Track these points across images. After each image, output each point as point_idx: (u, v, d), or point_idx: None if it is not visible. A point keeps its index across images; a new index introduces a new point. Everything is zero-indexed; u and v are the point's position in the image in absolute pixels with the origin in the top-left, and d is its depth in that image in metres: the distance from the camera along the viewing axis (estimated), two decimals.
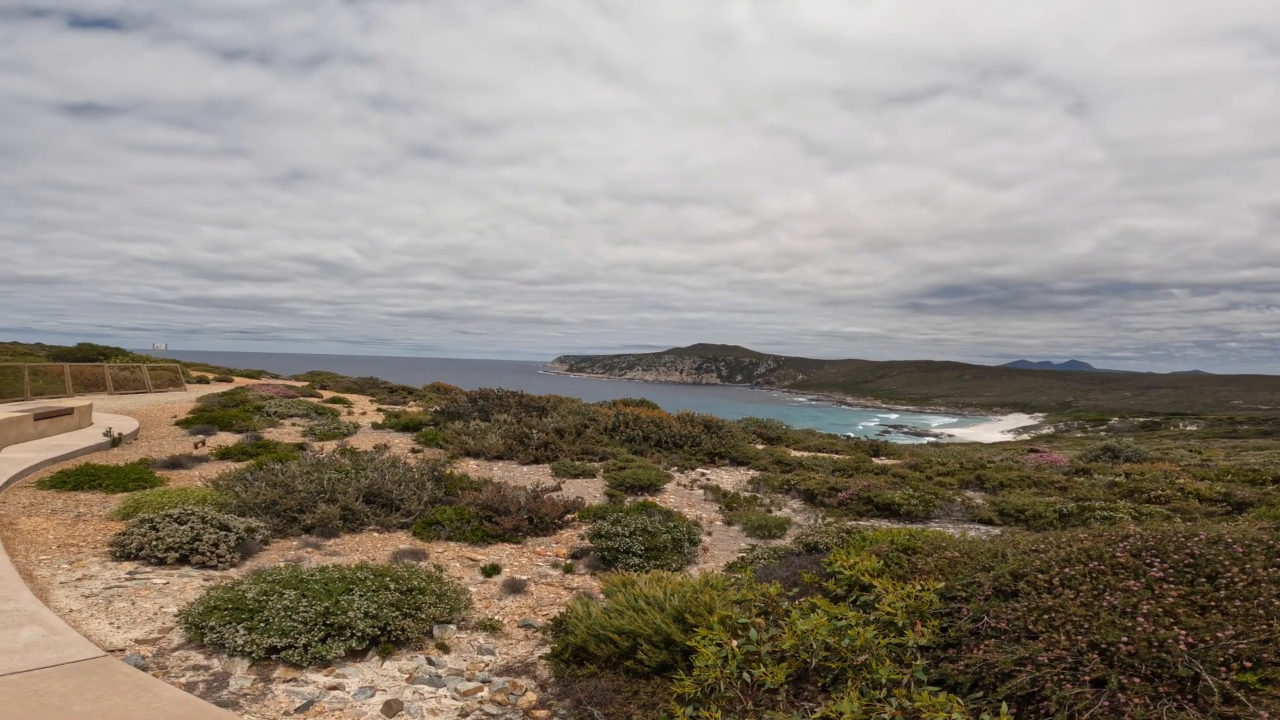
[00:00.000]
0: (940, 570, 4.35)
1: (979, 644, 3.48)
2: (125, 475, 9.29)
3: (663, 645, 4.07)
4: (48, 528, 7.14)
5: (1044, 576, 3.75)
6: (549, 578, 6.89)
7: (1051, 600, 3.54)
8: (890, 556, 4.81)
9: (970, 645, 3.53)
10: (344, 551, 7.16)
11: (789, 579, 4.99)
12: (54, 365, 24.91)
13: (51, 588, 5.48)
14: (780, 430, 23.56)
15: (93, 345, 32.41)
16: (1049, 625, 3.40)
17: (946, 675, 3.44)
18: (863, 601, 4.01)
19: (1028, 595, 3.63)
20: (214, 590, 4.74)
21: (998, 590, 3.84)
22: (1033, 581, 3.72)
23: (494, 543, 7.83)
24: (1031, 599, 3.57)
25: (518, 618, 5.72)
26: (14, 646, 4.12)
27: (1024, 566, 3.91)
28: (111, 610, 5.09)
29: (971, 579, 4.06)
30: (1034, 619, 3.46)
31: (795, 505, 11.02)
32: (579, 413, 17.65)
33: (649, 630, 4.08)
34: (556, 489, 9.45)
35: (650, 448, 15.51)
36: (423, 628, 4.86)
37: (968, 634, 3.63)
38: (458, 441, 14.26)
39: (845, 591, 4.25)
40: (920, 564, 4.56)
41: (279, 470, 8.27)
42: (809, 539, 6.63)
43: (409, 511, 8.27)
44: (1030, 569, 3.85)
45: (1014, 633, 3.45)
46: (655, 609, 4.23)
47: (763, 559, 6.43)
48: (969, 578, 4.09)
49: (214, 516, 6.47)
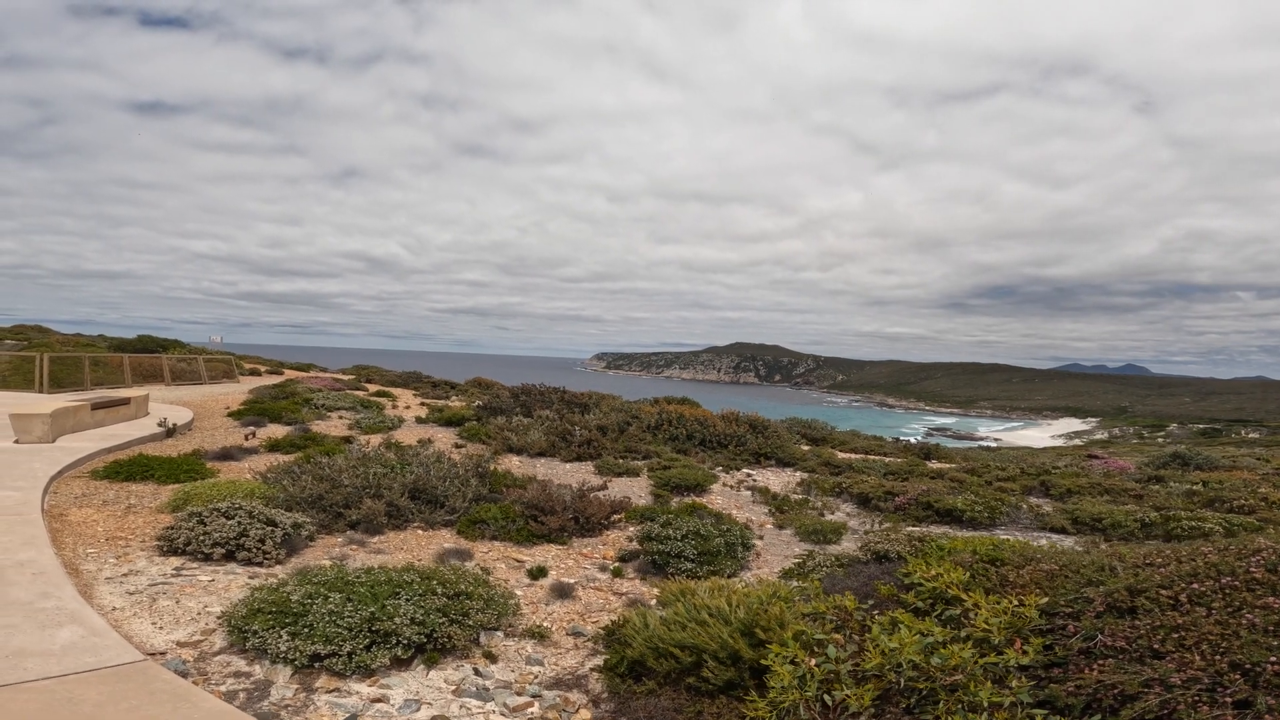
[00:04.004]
0: (1036, 584, 4.01)
1: (1091, 664, 3.19)
2: (177, 466, 9.35)
3: (729, 662, 3.75)
4: (98, 519, 7.15)
5: (1167, 593, 3.43)
6: (597, 581, 6.63)
7: (1180, 618, 3.22)
8: (975, 568, 4.45)
9: (1080, 665, 3.22)
10: (388, 549, 7.02)
11: (861, 590, 4.64)
12: (114, 356, 25.73)
13: (96, 583, 5.41)
14: (825, 431, 22.96)
15: (152, 337, 33.44)
16: (1179, 644, 3.09)
17: (1055, 697, 3.14)
18: (949, 616, 3.66)
19: (1150, 612, 3.32)
20: (258, 591, 4.58)
21: (1111, 606, 3.51)
22: (1153, 598, 3.40)
23: (539, 543, 7.61)
24: (1155, 616, 3.27)
25: (566, 625, 5.47)
26: (51, 649, 4.00)
27: (1141, 582, 3.57)
28: (155, 609, 4.98)
29: (1077, 594, 3.72)
30: (1160, 638, 3.15)
31: (848, 509, 10.58)
32: (621, 410, 17.41)
33: (715, 645, 3.77)
34: (603, 488, 9.21)
35: (694, 447, 15.18)
36: (469, 635, 4.64)
37: (1077, 653, 3.31)
38: (500, 437, 14.15)
39: (928, 605, 3.91)
40: (1011, 576, 4.21)
41: (325, 464, 8.20)
42: (877, 546, 6.24)
43: (453, 509, 8.11)
44: (1149, 584, 3.52)
45: (1135, 652, 3.15)
46: (720, 622, 3.92)
47: (825, 567, 6.06)
48: (1074, 593, 3.74)
49: (261, 511, 6.38)
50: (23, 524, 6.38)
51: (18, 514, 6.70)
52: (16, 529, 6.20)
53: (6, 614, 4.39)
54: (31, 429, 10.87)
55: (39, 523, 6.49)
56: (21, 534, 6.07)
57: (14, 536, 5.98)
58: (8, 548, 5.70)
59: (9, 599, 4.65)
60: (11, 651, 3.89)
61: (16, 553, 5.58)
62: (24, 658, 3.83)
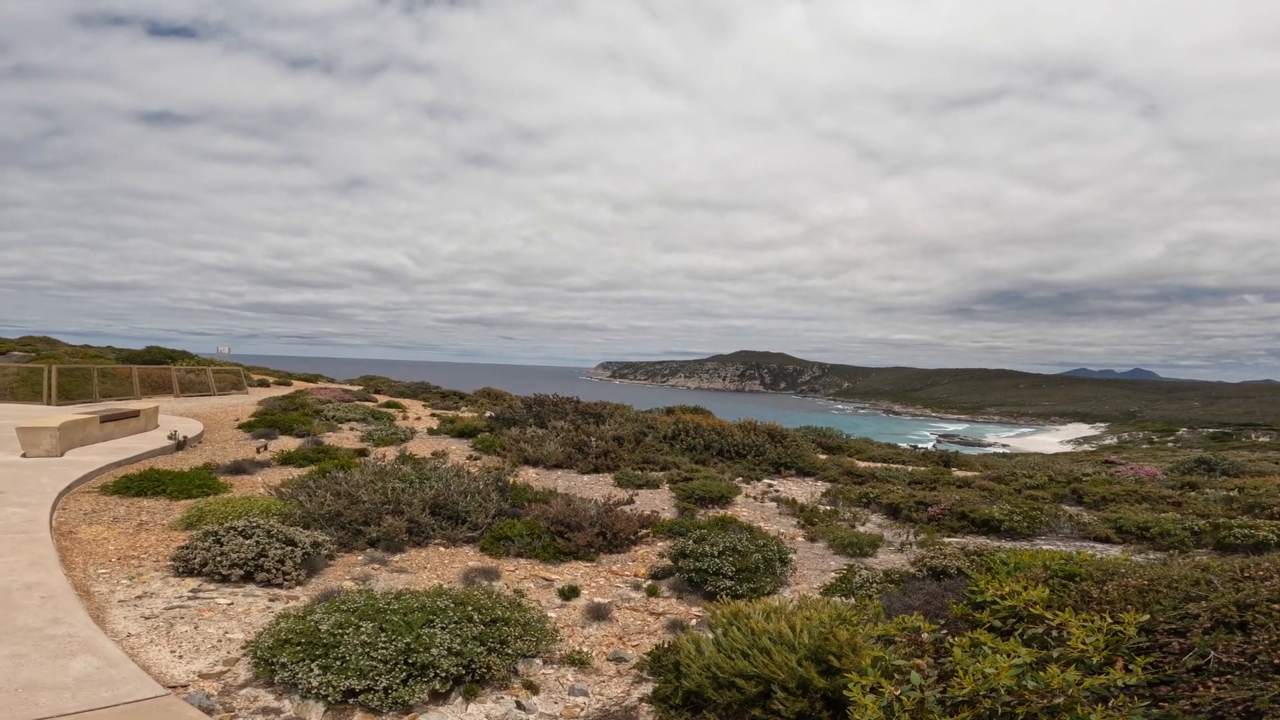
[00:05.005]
0: (1125, 599, 3.75)
1: (1203, 681, 3.04)
2: (189, 481, 9.07)
3: (800, 692, 3.44)
4: (108, 537, 6.88)
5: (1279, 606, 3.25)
6: (632, 601, 6.32)
7: None
8: (1051, 584, 4.17)
9: (1190, 683, 3.08)
10: (411, 568, 6.72)
11: (925, 610, 4.34)
12: (123, 368, 25.52)
13: (109, 607, 5.12)
14: (840, 439, 22.61)
15: (161, 348, 33.26)
16: None
17: (1171, 716, 2.96)
18: (1031, 636, 3.38)
19: (1264, 627, 3.19)
20: (284, 620, 4.28)
21: (1219, 622, 3.33)
22: (1265, 612, 3.26)
23: (567, 560, 7.30)
24: (1271, 631, 3.15)
25: (606, 649, 5.16)
26: (64, 681, 3.70)
27: (1248, 596, 3.39)
28: (173, 635, 4.69)
29: (1178, 610, 3.45)
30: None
31: (878, 520, 10.26)
32: (635, 420, 17.10)
33: (783, 674, 3.45)
34: (629, 501, 8.90)
35: (712, 457, 14.87)
36: (508, 664, 4.34)
37: (1187, 671, 3.14)
38: (516, 449, 13.85)
39: (1007, 625, 3.64)
40: (1094, 593, 3.97)
41: (342, 479, 7.90)
42: (932, 562, 5.91)
43: (475, 525, 7.81)
44: (1258, 599, 3.35)
45: (1255, 668, 3.02)
46: (785, 648, 3.60)
47: (874, 583, 5.74)
48: (1174, 609, 3.48)
49: (279, 530, 6.08)
50: (30, 542, 6.10)
51: (25, 532, 6.42)
52: (24, 548, 5.92)
53: (14, 642, 4.11)
54: (39, 442, 10.62)
55: (47, 541, 6.20)
56: (29, 553, 5.78)
57: (21, 556, 5.70)
58: (14, 568, 5.41)
59: (17, 625, 4.38)
60: (21, 684, 3.60)
61: (24, 574, 5.30)
62: (35, 691, 3.54)
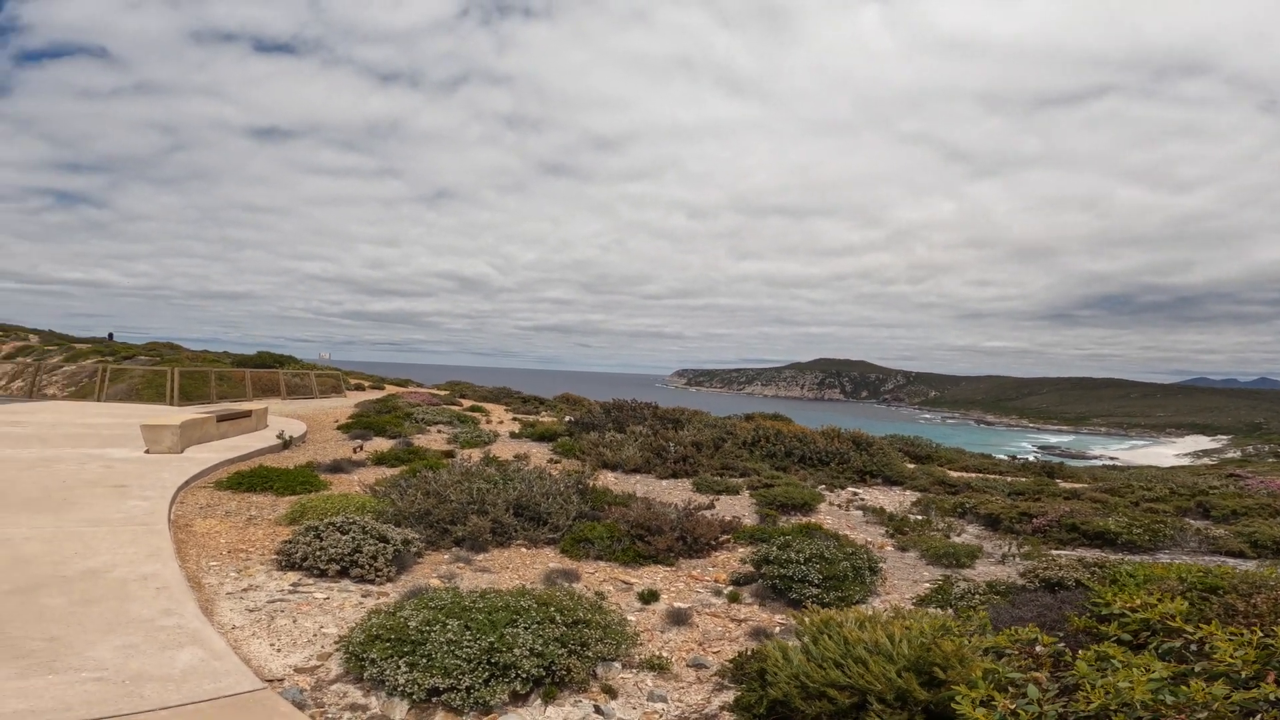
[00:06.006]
0: (1276, 613, 3.45)
1: None
2: (294, 478, 9.59)
3: (898, 704, 3.24)
4: (220, 531, 7.30)
5: None
6: (712, 607, 6.20)
7: None
8: (1189, 596, 3.85)
9: None
10: (494, 567, 6.84)
11: (1039, 622, 4.04)
12: (236, 371, 27.47)
13: (217, 599, 5.39)
14: (930, 448, 21.60)
15: (270, 353, 35.64)
16: None
17: None
18: (1168, 649, 3.11)
19: None
20: (375, 615, 4.40)
21: None
22: None
23: (646, 564, 7.26)
24: None
25: (685, 655, 5.06)
26: (170, 673, 3.86)
27: None
28: (273, 629, 4.90)
29: None
30: None
31: (974, 531, 9.70)
32: (714, 426, 16.92)
33: (880, 685, 3.26)
34: (709, 506, 8.78)
35: (793, 464, 14.50)
36: (588, 667, 4.31)
37: None
38: (594, 453, 13.96)
39: (1138, 638, 3.37)
40: (1240, 606, 3.72)
41: (431, 478, 8.16)
42: (1045, 573, 5.51)
43: (556, 526, 7.88)
44: None
45: None
46: (883, 659, 3.40)
47: (977, 595, 5.39)
48: None
49: (374, 526, 6.32)
50: (149, 534, 6.51)
51: (145, 524, 6.87)
52: (142, 540, 6.32)
53: (127, 633, 4.31)
54: (161, 440, 11.51)
55: (165, 533, 6.61)
56: (147, 545, 6.17)
57: (140, 548, 6.07)
58: (133, 560, 5.75)
59: (130, 616, 4.60)
60: (130, 676, 3.77)
61: (141, 565, 5.62)
62: (142, 683, 3.69)
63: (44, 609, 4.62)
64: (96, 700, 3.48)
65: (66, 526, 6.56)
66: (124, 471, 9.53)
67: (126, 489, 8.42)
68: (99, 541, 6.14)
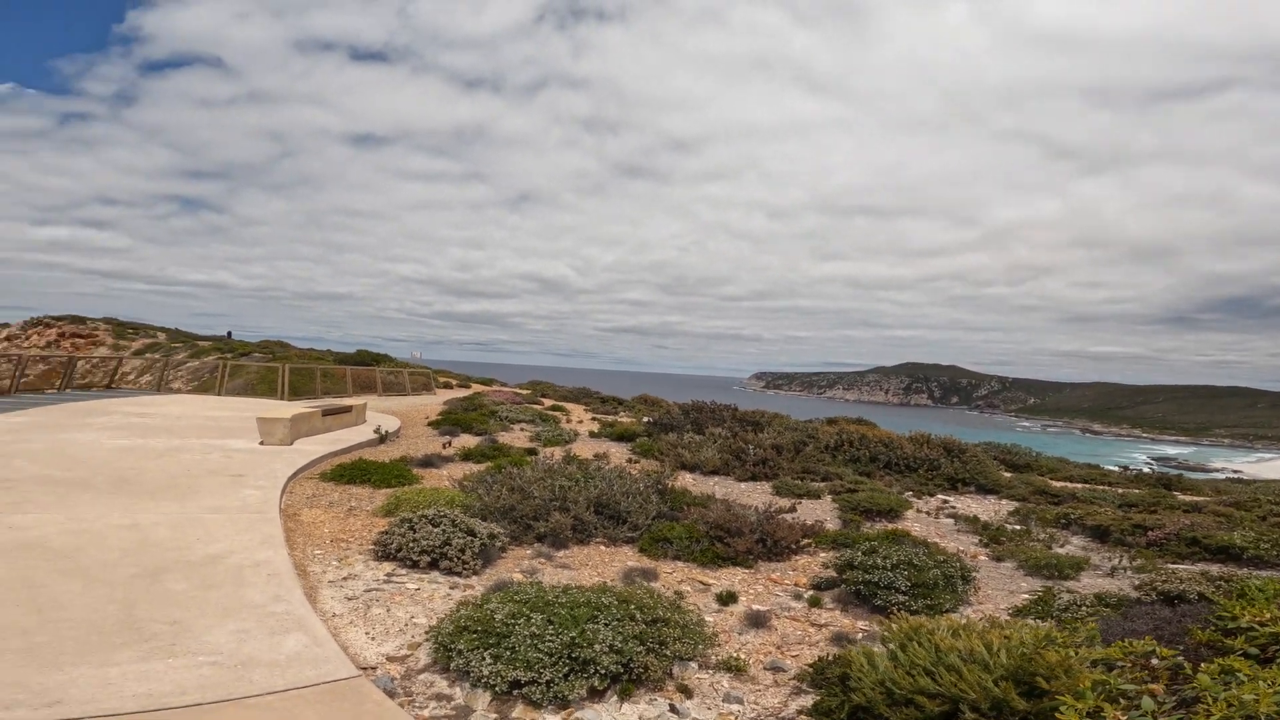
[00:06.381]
0: None
1: None
2: (389, 471, 10.09)
3: (993, 713, 3.10)
4: (324, 520, 7.73)
5: None
6: (792, 611, 6.11)
7: None
8: None
9: None
10: (573, 564, 6.98)
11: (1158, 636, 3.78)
12: (338, 368, 29.18)
13: (320, 587, 5.66)
14: (1028, 457, 20.40)
15: (368, 352, 37.70)
16: None
17: None
18: None
19: None
20: (463, 608, 4.56)
21: None
22: None
23: (724, 565, 7.23)
24: None
25: (763, 658, 5.02)
26: (277, 658, 4.06)
27: None
28: (369, 617, 5.11)
29: None
30: None
31: (1079, 543, 9.12)
32: (795, 429, 16.62)
33: (975, 694, 3.13)
34: (791, 510, 8.65)
35: (878, 470, 14.06)
36: (665, 666, 4.34)
37: None
38: (673, 454, 13.99)
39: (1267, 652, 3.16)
40: None
41: (516, 475, 8.42)
42: (1163, 585, 5.15)
43: (635, 525, 7.97)
44: None
45: None
46: (977, 666, 3.27)
47: (1083, 606, 5.09)
48: None
49: (462, 520, 6.57)
50: (263, 522, 6.95)
51: (259, 512, 7.35)
52: (257, 527, 6.74)
53: (241, 618, 4.55)
54: (274, 432, 12.37)
55: (276, 521, 7.03)
56: (261, 532, 6.56)
57: (254, 535, 6.45)
58: (248, 546, 6.08)
59: (244, 601, 4.86)
60: (241, 660, 3.98)
61: (255, 552, 5.97)
62: (252, 668, 3.90)
63: (168, 592, 4.93)
64: (209, 684, 3.68)
65: (190, 513, 7.10)
66: (241, 462, 10.30)
67: (243, 478, 9.08)
68: (218, 528, 6.59)
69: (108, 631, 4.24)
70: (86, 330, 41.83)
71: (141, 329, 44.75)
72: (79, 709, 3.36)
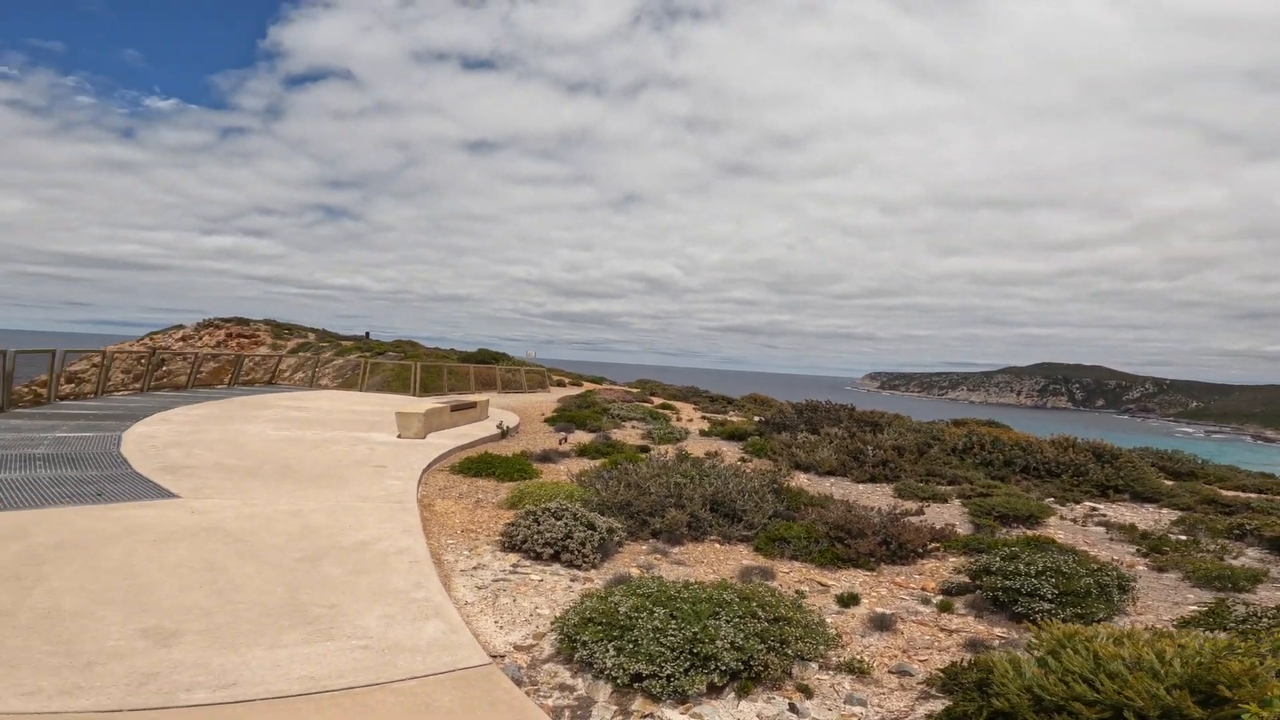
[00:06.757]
0: None
1: None
2: (512, 465, 10.54)
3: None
4: (455, 511, 8.13)
5: None
6: (919, 615, 5.85)
7: None
8: None
9: None
10: (688, 561, 7.02)
11: None
12: (462, 366, 30.89)
13: (453, 575, 5.89)
14: (1192, 464, 18.29)
15: (488, 351, 39.63)
16: None
17: None
18: None
19: None
20: (588, 600, 4.66)
21: None
22: None
23: (844, 567, 7.02)
24: None
25: (888, 661, 4.83)
26: (418, 644, 4.24)
27: None
28: (497, 606, 5.28)
29: None
30: None
31: (1255, 554, 8.13)
32: (918, 430, 15.82)
33: (1142, 701, 2.87)
34: (918, 513, 8.28)
35: (1014, 474, 13.11)
36: (785, 665, 4.29)
37: None
38: (786, 454, 13.74)
39: None
40: None
41: (632, 471, 8.58)
42: None
43: (751, 524, 7.90)
44: None
45: None
46: (1145, 674, 3.00)
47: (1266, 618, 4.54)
48: None
49: (583, 514, 6.77)
50: (403, 512, 7.37)
51: (399, 502, 7.83)
52: (398, 516, 7.15)
53: (387, 603, 4.80)
54: (410, 426, 13.28)
55: (415, 511, 7.43)
56: (402, 522, 6.95)
57: (396, 524, 6.85)
58: (392, 534, 6.41)
59: (390, 587, 5.11)
60: (388, 645, 4.18)
61: (399, 539, 6.28)
62: (397, 653, 4.09)
63: (326, 578, 5.22)
64: (361, 668, 3.87)
65: (343, 501, 7.71)
66: (382, 454, 11.13)
67: (385, 469, 9.80)
68: (366, 516, 7.09)
69: (276, 614, 4.52)
70: (249, 331, 46.60)
71: (295, 329, 49.00)
72: (251, 691, 3.57)
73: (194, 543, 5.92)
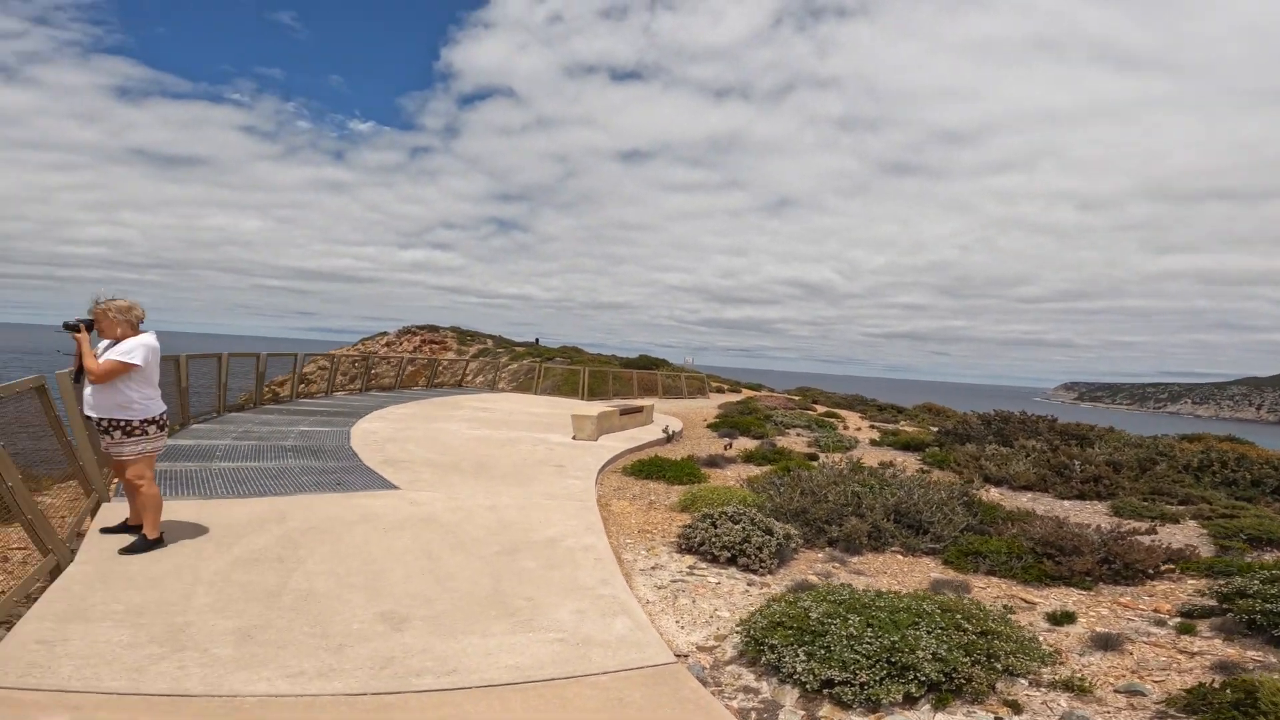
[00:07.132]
0: None
1: None
2: (680, 469, 10.68)
3: None
4: (630, 512, 8.29)
5: None
6: (1152, 636, 5.19)
7: None
8: None
9: None
10: (868, 571, 6.70)
11: None
12: (625, 372, 31.89)
13: (633, 574, 5.98)
14: None
15: (648, 357, 40.61)
16: None
17: None
18: None
19: None
20: (774, 604, 4.59)
21: None
22: None
23: (1053, 585, 6.37)
24: None
25: (1113, 681, 4.33)
26: (608, 639, 4.31)
27: None
28: (676, 606, 5.30)
29: None
30: None
31: None
32: (1137, 445, 13.94)
33: None
34: (1150, 532, 7.34)
35: (1262, 496, 11.15)
36: (990, 679, 3.98)
37: None
38: (973, 466, 12.70)
39: None
40: None
41: (806, 478, 8.38)
42: None
43: (939, 536, 7.39)
44: None
45: None
46: None
47: None
48: None
49: (760, 519, 6.71)
50: (584, 510, 7.65)
51: (580, 501, 8.14)
52: (580, 515, 7.43)
53: (577, 599, 4.93)
54: (584, 428, 13.91)
55: (595, 510, 7.69)
56: (584, 520, 7.21)
57: (579, 522, 7.01)
58: (575, 532, 6.61)
59: (579, 583, 5.25)
60: (581, 639, 4.27)
61: (582, 537, 6.48)
62: (590, 647, 4.17)
63: (523, 570, 5.41)
64: (560, 660, 3.97)
65: (531, 498, 8.16)
66: (560, 454, 11.72)
67: (564, 469, 10.30)
68: (552, 513, 7.43)
69: (484, 603, 4.71)
70: (439, 337, 51.55)
71: (475, 336, 53.54)
72: (468, 679, 3.69)
73: (415, 532, 6.46)
